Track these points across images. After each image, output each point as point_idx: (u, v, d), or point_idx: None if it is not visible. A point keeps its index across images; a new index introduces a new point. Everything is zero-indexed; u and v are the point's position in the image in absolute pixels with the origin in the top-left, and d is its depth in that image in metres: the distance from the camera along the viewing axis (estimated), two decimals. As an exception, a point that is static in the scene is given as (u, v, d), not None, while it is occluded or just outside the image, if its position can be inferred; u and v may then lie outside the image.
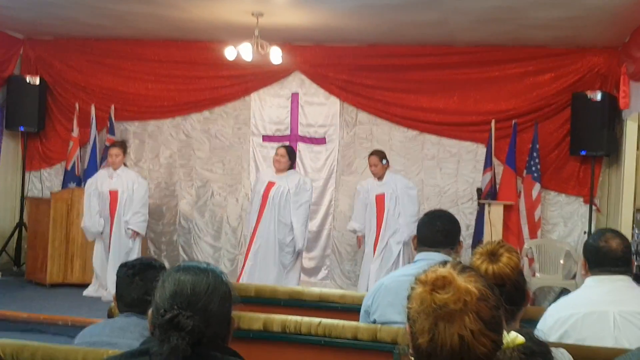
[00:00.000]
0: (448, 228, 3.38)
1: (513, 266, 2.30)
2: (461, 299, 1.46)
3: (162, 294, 1.82)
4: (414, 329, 1.52)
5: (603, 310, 3.01)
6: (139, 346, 1.83)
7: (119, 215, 7.79)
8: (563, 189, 8.22)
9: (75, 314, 6.82)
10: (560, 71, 8.17)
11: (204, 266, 1.91)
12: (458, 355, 1.46)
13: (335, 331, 3.30)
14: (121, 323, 2.70)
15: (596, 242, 3.16)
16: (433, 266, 1.56)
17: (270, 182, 7.45)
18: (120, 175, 7.87)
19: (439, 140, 8.56)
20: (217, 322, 1.83)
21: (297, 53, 8.70)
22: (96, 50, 9.22)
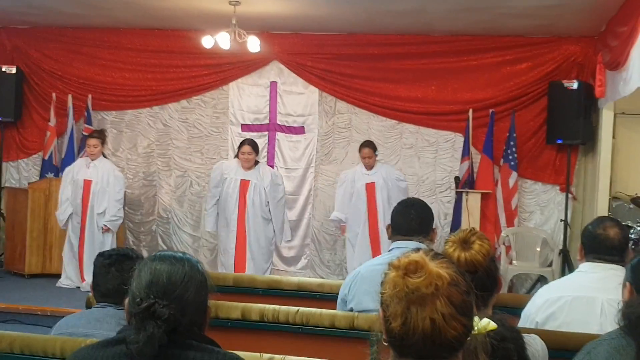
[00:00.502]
0: (422, 216, 3.42)
1: (485, 253, 2.33)
2: (433, 284, 1.49)
3: (138, 283, 1.83)
4: (387, 313, 1.54)
5: (592, 297, 3.06)
6: (115, 335, 1.84)
7: (91, 206, 7.77)
8: (539, 178, 8.30)
9: (54, 305, 6.83)
10: (537, 60, 8.24)
11: (180, 255, 1.93)
12: (429, 339, 1.49)
13: (312, 319, 3.32)
14: (97, 314, 2.71)
15: (594, 229, 3.20)
16: (406, 252, 1.59)
17: (244, 181, 7.38)
18: (97, 165, 7.84)
19: (417, 129, 8.60)
20: (193, 311, 1.85)
21: (276, 42, 8.70)
22: (73, 39, 9.14)
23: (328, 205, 8.82)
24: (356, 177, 7.76)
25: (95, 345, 1.84)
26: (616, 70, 6.53)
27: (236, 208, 7.40)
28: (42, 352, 2.49)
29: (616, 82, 6.63)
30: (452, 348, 1.53)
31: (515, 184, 8.09)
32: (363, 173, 7.73)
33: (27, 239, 8.12)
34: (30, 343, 2.52)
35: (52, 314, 6.49)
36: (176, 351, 1.77)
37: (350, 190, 7.76)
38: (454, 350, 1.54)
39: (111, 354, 1.78)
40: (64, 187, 7.85)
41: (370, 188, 7.65)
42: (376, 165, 7.75)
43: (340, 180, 7.95)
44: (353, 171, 7.89)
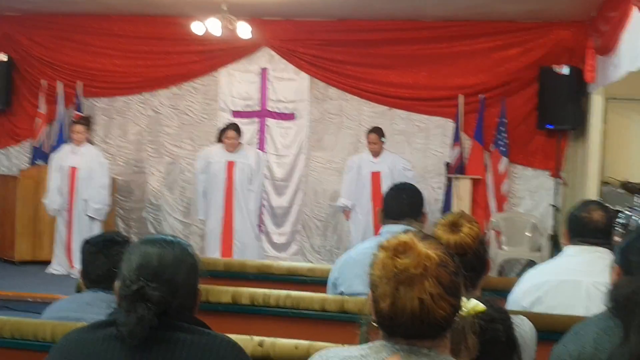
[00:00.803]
0: (413, 200, 3.45)
1: (474, 236, 2.36)
2: (421, 264, 1.51)
3: (128, 266, 1.84)
4: (376, 293, 1.56)
5: (577, 280, 3.06)
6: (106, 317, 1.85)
7: (77, 192, 7.76)
8: (530, 163, 8.32)
9: (44, 291, 6.81)
10: (527, 45, 8.23)
11: (170, 238, 1.93)
12: (418, 319, 1.51)
13: (303, 303, 3.34)
14: (88, 298, 2.71)
15: (579, 213, 3.21)
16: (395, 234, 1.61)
17: (230, 162, 7.49)
18: (83, 152, 7.83)
19: (408, 115, 8.60)
20: (184, 294, 1.86)
21: (266, 28, 8.66)
22: (63, 26, 9.07)
23: (319, 191, 8.84)
24: (362, 164, 7.74)
25: (85, 327, 1.85)
26: (607, 55, 6.55)
27: (223, 189, 7.49)
28: (33, 336, 2.50)
29: (607, 67, 6.65)
30: (441, 328, 1.56)
31: (506, 169, 8.12)
32: (369, 161, 7.71)
33: (17, 225, 8.12)
34: (20, 327, 2.53)
35: (42, 301, 6.46)
36: (167, 333, 1.78)
37: (356, 177, 7.75)
38: (442, 330, 1.57)
39: (102, 336, 1.79)
40: (51, 175, 7.82)
41: (375, 177, 7.61)
42: (383, 154, 7.70)
43: (348, 167, 7.93)
44: (360, 157, 7.89)
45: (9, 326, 2.53)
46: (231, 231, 7.53)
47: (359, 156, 7.98)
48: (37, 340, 2.49)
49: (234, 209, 7.50)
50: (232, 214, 7.51)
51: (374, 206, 7.52)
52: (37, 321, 2.59)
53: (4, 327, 2.53)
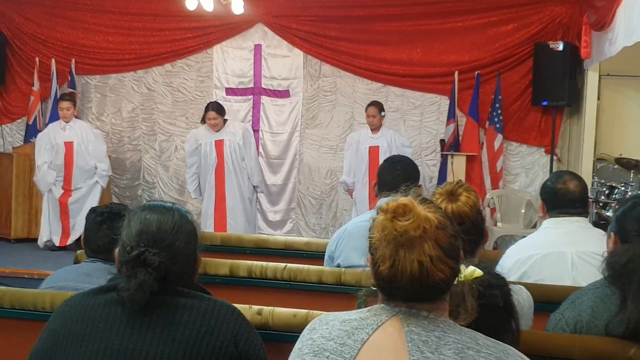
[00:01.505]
0: (408, 172, 3.44)
1: (471, 205, 2.36)
2: (421, 226, 1.51)
3: (128, 232, 1.84)
4: (376, 256, 1.57)
5: (561, 251, 3.07)
6: (106, 283, 1.86)
7: (76, 166, 7.83)
8: (524, 140, 8.33)
9: (41, 268, 6.86)
10: (522, 21, 8.20)
11: (170, 205, 1.94)
12: (417, 281, 1.52)
13: (300, 275, 3.34)
14: (87, 268, 2.72)
15: (554, 185, 3.21)
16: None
17: (218, 141, 7.45)
18: (73, 127, 7.90)
19: (402, 92, 8.59)
20: (183, 259, 1.87)
21: (260, 4, 8.61)
22: (56, 3, 9.00)
23: (313, 169, 8.84)
24: (361, 139, 7.72)
25: (86, 292, 1.86)
26: (602, 31, 6.54)
27: (214, 169, 7.48)
28: (32, 306, 2.50)
29: (602, 43, 6.65)
30: (440, 290, 1.56)
31: (501, 146, 8.12)
32: (368, 136, 7.68)
33: (13, 203, 8.12)
34: (20, 297, 2.53)
35: (38, 277, 6.49)
36: (167, 298, 1.79)
37: (356, 153, 7.73)
38: (441, 293, 1.58)
39: (102, 301, 1.80)
40: (39, 152, 7.83)
41: (373, 151, 7.58)
42: (382, 129, 7.67)
43: (347, 144, 7.91)
44: (358, 133, 7.88)
45: (8, 296, 2.54)
46: (224, 210, 7.53)
47: (357, 132, 7.97)
48: (37, 310, 2.49)
49: (226, 188, 7.49)
50: (224, 193, 7.50)
51: (370, 181, 7.47)
52: (36, 291, 2.60)
53: (3, 298, 2.54)
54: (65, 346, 1.77)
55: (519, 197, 8.26)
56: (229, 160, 7.46)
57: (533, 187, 8.34)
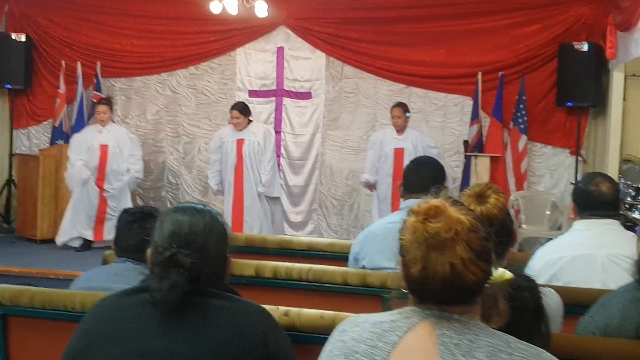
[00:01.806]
0: (434, 174, 3.41)
1: (500, 207, 2.34)
2: (452, 228, 1.51)
3: (160, 234, 1.86)
4: (406, 258, 1.56)
5: (591, 254, 3.04)
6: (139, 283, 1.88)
7: (110, 168, 7.95)
8: (549, 141, 8.27)
9: (66, 268, 6.92)
10: (547, 22, 8.15)
11: (201, 207, 1.96)
12: (449, 283, 1.51)
13: (325, 276, 3.34)
14: (116, 269, 2.75)
15: (586, 186, 3.18)
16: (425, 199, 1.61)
17: (239, 140, 7.52)
18: (110, 130, 8.05)
19: (425, 93, 8.56)
20: (214, 260, 1.88)
21: (283, 6, 8.64)
22: (81, 7, 9.12)
23: (335, 170, 8.85)
24: (386, 139, 7.68)
25: (119, 293, 1.88)
26: (627, 31, 6.48)
27: (233, 167, 7.54)
28: (63, 306, 2.53)
29: (627, 44, 6.58)
30: (472, 293, 1.55)
31: (525, 147, 8.07)
32: (393, 137, 7.64)
33: (39, 204, 8.20)
34: (50, 298, 2.56)
35: (64, 278, 6.57)
36: (198, 299, 1.80)
37: (379, 153, 7.70)
38: (473, 295, 1.57)
39: (135, 301, 1.82)
40: (73, 150, 7.96)
41: (399, 153, 7.52)
42: (407, 130, 7.62)
43: (371, 142, 7.89)
44: (383, 133, 7.85)
45: (39, 297, 2.57)
46: (241, 209, 7.57)
47: (382, 132, 7.94)
48: (67, 310, 2.52)
49: (244, 187, 7.54)
50: (242, 192, 7.56)
51: (393, 182, 7.42)
52: (67, 291, 2.62)
53: (34, 298, 2.57)
54: (98, 346, 1.80)
55: (544, 199, 8.20)
56: (247, 160, 7.51)
57: (558, 189, 8.28)
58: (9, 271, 6.79)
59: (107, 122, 8.04)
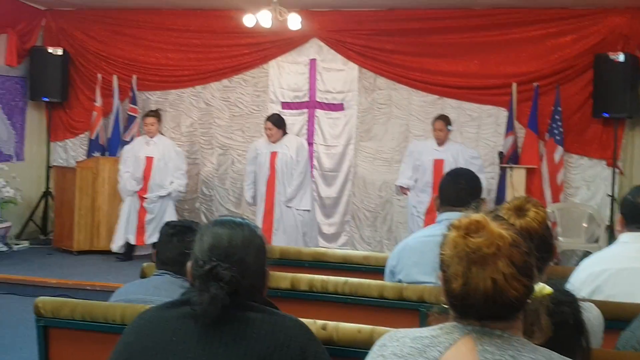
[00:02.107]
0: (472, 186, 3.39)
1: (540, 221, 2.32)
2: (494, 243, 1.50)
3: (200, 247, 1.88)
4: (447, 274, 1.55)
5: (636, 267, 2.98)
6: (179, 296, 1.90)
7: (153, 179, 8.06)
8: (586, 152, 8.17)
9: (103, 280, 7.00)
10: (581, 32, 8.09)
11: (240, 220, 1.97)
12: (491, 299, 1.50)
13: (361, 289, 3.33)
14: (155, 282, 2.78)
15: (635, 198, 3.12)
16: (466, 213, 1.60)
17: (273, 152, 7.54)
18: (157, 142, 8.17)
19: (459, 104, 8.52)
20: (253, 274, 1.89)
21: (315, 19, 8.69)
22: (117, 21, 9.29)
23: (368, 181, 8.84)
24: (425, 150, 7.64)
25: (160, 306, 1.90)
26: (664, 41, 6.39)
27: (266, 179, 7.56)
28: (103, 318, 2.56)
29: (665, 53, 6.49)
30: (513, 308, 1.54)
31: (561, 158, 7.98)
32: (433, 148, 7.60)
33: (75, 216, 8.30)
34: (91, 310, 2.59)
35: (101, 289, 6.65)
36: (238, 312, 1.81)
37: (416, 162, 7.65)
38: (515, 311, 1.55)
39: (176, 314, 1.83)
40: (124, 162, 8.14)
41: (438, 164, 7.45)
42: (448, 142, 7.60)
43: (408, 151, 7.88)
44: (423, 143, 7.82)
45: (80, 309, 2.60)
46: (271, 221, 7.58)
47: (422, 142, 7.91)
48: (107, 322, 2.55)
49: (275, 199, 7.56)
50: (273, 204, 7.57)
51: (432, 194, 7.32)
52: (107, 304, 2.66)
53: (75, 310, 2.61)
54: (139, 359, 1.81)
55: (581, 211, 8.10)
56: (279, 173, 7.52)
57: (594, 201, 8.17)
58: (46, 282, 6.90)
59: (155, 134, 8.15)
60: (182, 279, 2.71)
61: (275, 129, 7.50)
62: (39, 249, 8.68)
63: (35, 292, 6.36)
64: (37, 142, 9.55)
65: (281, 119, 7.67)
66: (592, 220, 8.03)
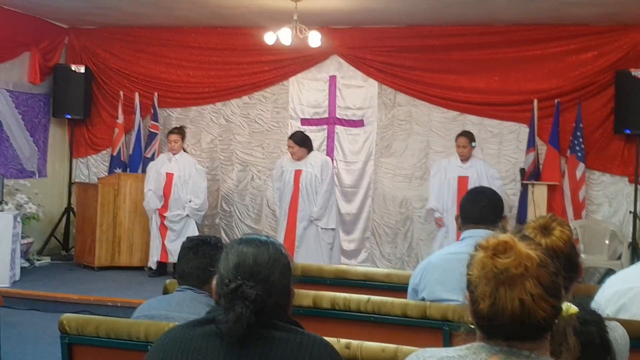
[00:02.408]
0: (494, 203, 3.38)
1: (566, 239, 2.31)
2: (522, 264, 1.49)
3: (226, 265, 1.88)
4: (475, 294, 1.54)
5: None
6: (205, 315, 1.90)
7: (173, 196, 8.10)
8: (607, 169, 8.12)
9: (124, 296, 7.03)
10: (603, 49, 8.06)
11: (265, 239, 1.97)
12: (519, 320, 1.49)
13: (384, 308, 3.32)
14: (178, 298, 2.80)
15: None
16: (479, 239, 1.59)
17: (297, 170, 7.57)
18: (178, 160, 8.19)
19: (480, 120, 8.50)
20: (278, 292, 1.89)
21: (335, 36, 8.73)
22: (138, 39, 9.39)
23: (388, 198, 8.83)
24: (449, 167, 7.65)
25: (185, 324, 1.90)
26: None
27: (289, 197, 7.58)
28: (127, 335, 2.58)
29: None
30: (541, 329, 1.53)
31: (583, 175, 7.92)
32: (457, 165, 7.62)
33: (97, 232, 8.36)
34: (115, 327, 2.61)
35: (122, 305, 6.68)
36: (263, 331, 1.81)
37: (441, 179, 7.65)
38: (542, 332, 1.54)
39: (202, 333, 1.83)
40: (147, 180, 8.22)
41: (462, 182, 7.45)
42: (472, 159, 7.59)
43: (434, 170, 7.88)
44: (447, 161, 7.82)
45: (104, 326, 2.62)
46: (293, 239, 7.58)
47: (446, 160, 7.90)
48: (131, 339, 2.57)
49: (297, 217, 7.56)
50: (295, 222, 7.58)
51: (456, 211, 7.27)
52: (131, 321, 2.67)
53: (99, 327, 2.62)
54: (165, 377, 1.82)
55: (603, 228, 8.02)
56: (303, 191, 7.53)
57: (617, 218, 8.10)
58: (67, 298, 6.93)
59: (178, 151, 8.18)
60: (204, 294, 2.73)
61: (297, 147, 7.52)
62: (60, 264, 8.73)
63: (57, 308, 6.44)
64: (59, 159, 9.66)
65: (304, 137, 7.69)
66: (614, 237, 7.96)
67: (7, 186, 8.12)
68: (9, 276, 7.35)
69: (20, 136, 8.90)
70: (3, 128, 8.61)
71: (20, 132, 8.91)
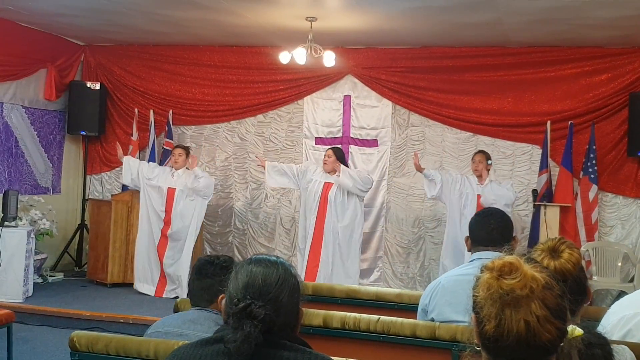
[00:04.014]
0: (502, 225, 3.39)
1: (574, 262, 2.31)
2: (527, 285, 1.50)
3: (235, 285, 1.90)
4: (480, 315, 1.55)
5: None
6: (213, 334, 1.92)
7: (175, 210, 8.08)
8: (620, 191, 8.08)
9: (136, 313, 7.05)
10: (616, 71, 8.06)
11: (274, 259, 1.99)
12: (524, 341, 1.50)
13: (393, 328, 3.33)
14: (192, 316, 2.82)
15: None
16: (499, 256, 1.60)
17: (327, 183, 7.61)
18: (181, 175, 8.17)
19: (493, 141, 8.51)
20: (287, 312, 1.90)
21: (350, 56, 8.79)
22: (154, 56, 9.47)
23: (401, 217, 8.82)
24: (468, 183, 7.71)
25: (194, 343, 1.92)
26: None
27: (316, 209, 7.62)
28: (137, 353, 2.59)
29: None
30: (546, 351, 1.53)
31: (596, 197, 7.89)
32: (476, 184, 7.66)
33: (110, 249, 8.38)
34: (125, 345, 2.63)
35: (133, 322, 6.70)
36: (271, 350, 1.82)
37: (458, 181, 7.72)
38: (547, 354, 1.55)
39: (210, 352, 1.85)
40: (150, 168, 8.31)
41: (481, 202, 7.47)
42: (490, 184, 7.58)
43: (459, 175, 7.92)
44: (466, 177, 7.83)
45: (114, 343, 2.64)
46: (318, 253, 7.60)
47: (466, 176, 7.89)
48: (141, 357, 2.58)
49: (324, 230, 7.59)
50: (322, 236, 7.61)
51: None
52: (141, 339, 2.69)
53: (109, 344, 2.64)
54: (174, 395, 1.83)
55: (615, 250, 7.98)
56: (331, 204, 7.58)
57: (630, 240, 8.05)
58: (79, 314, 6.95)
59: (181, 165, 8.15)
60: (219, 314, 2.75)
61: (333, 157, 7.64)
62: (73, 281, 8.77)
63: (69, 324, 6.47)
64: (73, 175, 9.74)
65: (343, 154, 7.89)
66: (627, 260, 7.91)
67: (22, 202, 8.17)
68: (22, 292, 7.39)
69: (35, 152, 9.00)
70: (18, 144, 8.71)
71: (35, 148, 9.00)
